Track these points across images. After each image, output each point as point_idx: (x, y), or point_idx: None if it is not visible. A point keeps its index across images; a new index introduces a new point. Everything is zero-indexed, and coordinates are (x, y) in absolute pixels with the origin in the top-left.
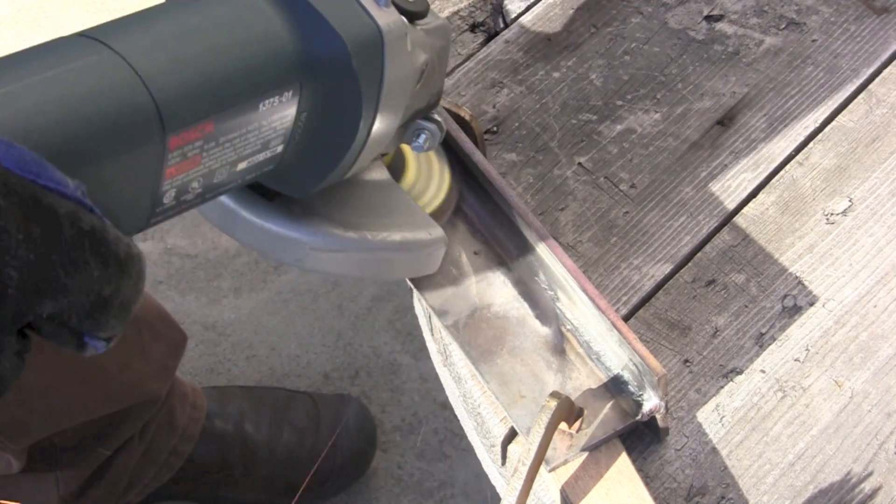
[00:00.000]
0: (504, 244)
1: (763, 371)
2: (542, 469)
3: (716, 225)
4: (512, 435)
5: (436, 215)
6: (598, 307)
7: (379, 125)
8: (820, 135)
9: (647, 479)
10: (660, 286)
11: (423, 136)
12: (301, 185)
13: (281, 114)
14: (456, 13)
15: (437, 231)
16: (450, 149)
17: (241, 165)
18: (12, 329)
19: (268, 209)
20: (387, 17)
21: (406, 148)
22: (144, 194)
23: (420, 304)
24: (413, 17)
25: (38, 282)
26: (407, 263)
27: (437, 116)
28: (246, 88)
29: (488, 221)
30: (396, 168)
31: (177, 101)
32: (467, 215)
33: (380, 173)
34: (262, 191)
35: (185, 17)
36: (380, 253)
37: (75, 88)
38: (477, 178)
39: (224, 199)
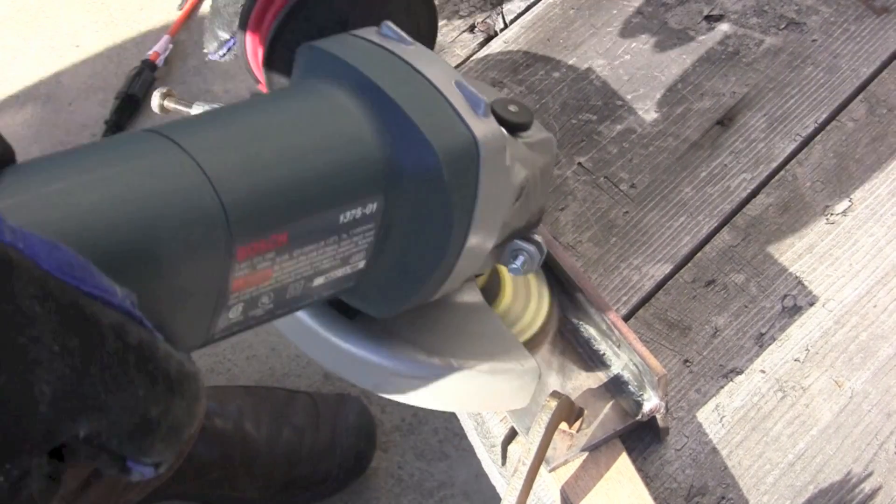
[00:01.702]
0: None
1: (763, 371)
2: (543, 469)
3: (716, 225)
4: (512, 435)
5: (532, 343)
6: (598, 307)
7: (471, 245)
8: (820, 135)
9: (648, 479)
10: (660, 286)
11: (521, 259)
12: (384, 305)
13: (363, 227)
14: (456, 13)
15: (530, 362)
16: (548, 268)
17: (318, 281)
18: (43, 450)
19: (347, 328)
20: (485, 128)
21: (503, 268)
22: (206, 308)
23: None
24: (515, 128)
25: (73, 399)
26: (494, 395)
27: (537, 237)
28: (325, 198)
29: None
30: (492, 289)
31: (248, 207)
32: None
33: (472, 295)
34: (342, 307)
35: (263, 115)
36: (464, 383)
37: (136, 188)
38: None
39: (301, 313)
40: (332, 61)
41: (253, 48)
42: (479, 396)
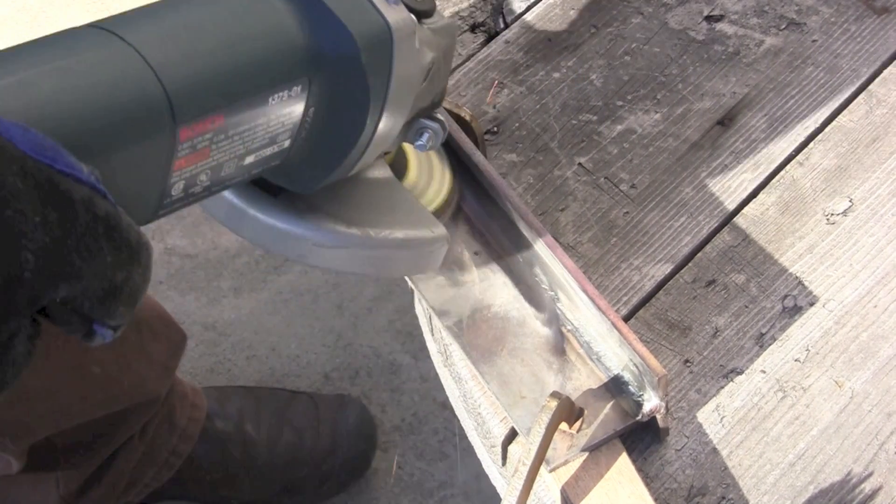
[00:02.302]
0: (504, 245)
1: (763, 371)
2: (543, 469)
3: (716, 225)
4: (512, 435)
5: (437, 214)
6: (599, 307)
7: (385, 122)
8: (820, 135)
9: (648, 480)
10: (660, 286)
11: (426, 135)
12: (306, 181)
13: (289, 108)
14: (456, 13)
15: (440, 229)
16: (450, 149)
17: (249, 159)
18: (28, 313)
19: (272, 205)
20: (396, 15)
21: (408, 147)
22: (153, 185)
23: (420, 305)
24: (421, 15)
25: (53, 266)
26: (409, 261)
27: (440, 116)
28: (256, 82)
29: (488, 222)
30: (398, 166)
31: (188, 93)
32: (468, 216)
33: (382, 171)
34: (266, 186)
35: (196, 9)
36: (382, 250)
37: (88, 78)
38: (477, 178)
39: (228, 194)
40: None
41: None
42: (395, 262)
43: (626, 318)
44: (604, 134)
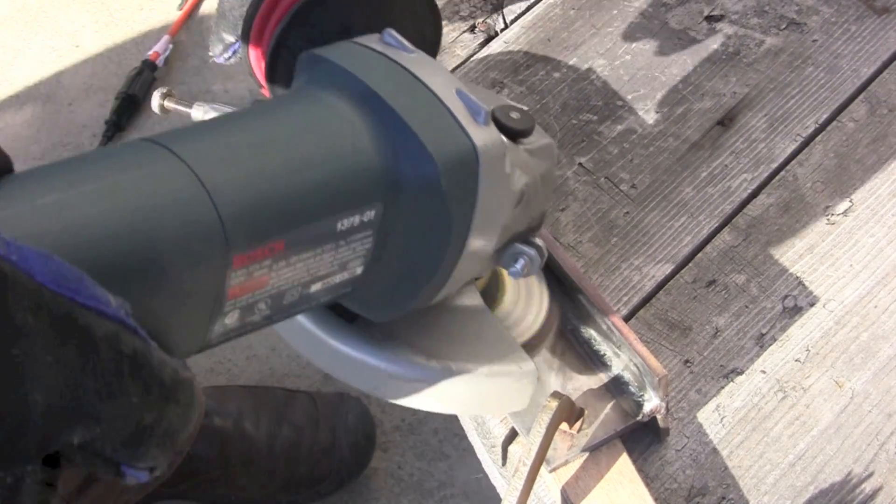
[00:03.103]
0: None
1: (764, 371)
2: (543, 469)
3: (716, 225)
4: (512, 435)
5: (531, 345)
6: (599, 307)
7: (470, 249)
8: (820, 135)
9: (648, 480)
10: (660, 286)
11: (521, 262)
12: (383, 310)
13: (361, 234)
14: (456, 13)
15: (528, 365)
16: (548, 270)
17: (315, 287)
18: (37, 458)
19: (346, 331)
20: (485, 136)
21: (503, 270)
22: (202, 315)
23: None
24: (516, 135)
25: (67, 408)
26: (492, 398)
27: (538, 241)
28: (323, 207)
29: None
30: (491, 292)
31: (245, 217)
32: None
33: (471, 298)
34: (341, 310)
35: (261, 124)
36: (463, 386)
37: (133, 199)
38: None
39: (301, 316)
40: (333, 69)
41: (256, 55)
42: (478, 399)
43: (627, 319)
44: (604, 134)
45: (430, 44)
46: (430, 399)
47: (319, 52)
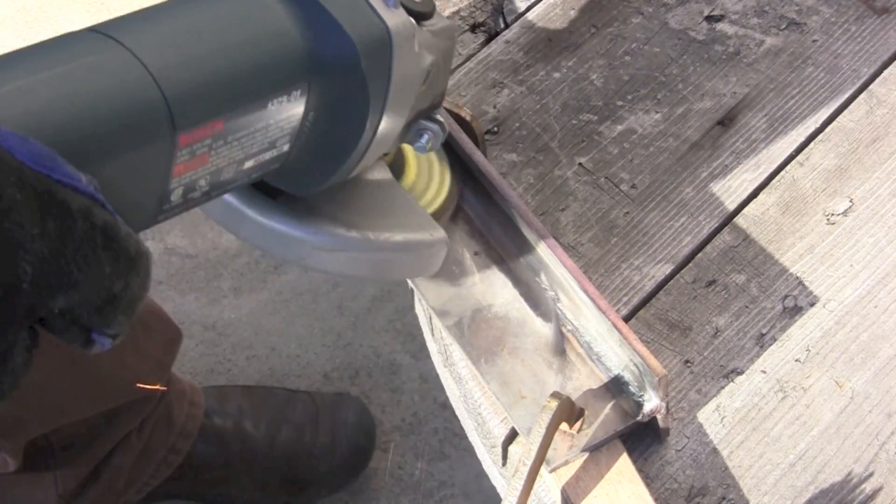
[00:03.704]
0: (505, 245)
1: (764, 371)
2: (543, 469)
3: (716, 225)
4: (513, 435)
5: (437, 215)
6: (599, 308)
7: (385, 125)
8: (820, 135)
9: (648, 480)
10: (660, 287)
11: (425, 137)
12: (305, 184)
13: (289, 113)
14: (456, 13)
15: (439, 232)
16: (450, 150)
17: (248, 164)
18: (25, 324)
19: (271, 207)
20: (395, 18)
21: (407, 148)
22: (152, 192)
23: (420, 305)
24: (420, 17)
25: (51, 276)
26: (408, 264)
27: (439, 117)
28: (256, 87)
29: (489, 222)
30: (397, 168)
31: (188, 99)
32: (468, 216)
33: (382, 173)
34: (266, 189)
35: (196, 14)
36: (381, 253)
37: (86, 85)
38: (478, 178)
39: (228, 196)
40: None
41: None
42: (394, 265)
43: (627, 319)
44: (604, 134)
45: None
46: (352, 266)
47: None
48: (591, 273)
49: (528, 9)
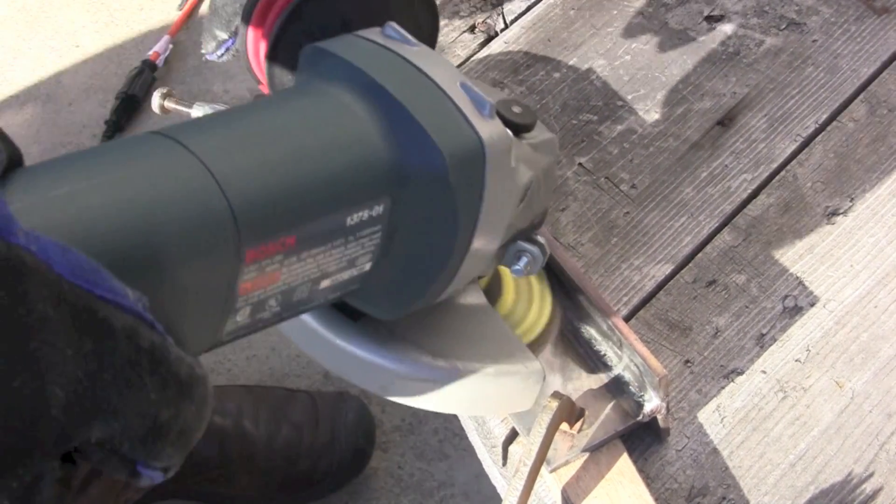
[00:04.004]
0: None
1: (764, 371)
2: (544, 469)
3: (716, 225)
4: (513, 435)
5: (535, 344)
6: (599, 308)
7: (476, 246)
8: (820, 135)
9: (648, 480)
10: (660, 287)
11: (524, 260)
12: (389, 307)
13: (370, 229)
14: (456, 13)
15: (534, 364)
16: (550, 270)
17: (325, 283)
18: (56, 454)
19: (351, 331)
20: (490, 129)
21: (504, 269)
22: (215, 310)
23: None
24: (519, 129)
25: (86, 402)
26: (499, 398)
27: (540, 239)
28: (333, 200)
29: None
30: (494, 291)
31: (256, 209)
32: None
33: (475, 297)
34: (347, 310)
35: (269, 116)
36: (469, 385)
37: (144, 190)
38: None
39: (305, 315)
40: (336, 63)
41: (254, 46)
42: (484, 399)
43: (627, 319)
44: (604, 134)
45: (428, 36)
46: (437, 399)
47: (323, 45)
48: (592, 273)
49: (528, 9)
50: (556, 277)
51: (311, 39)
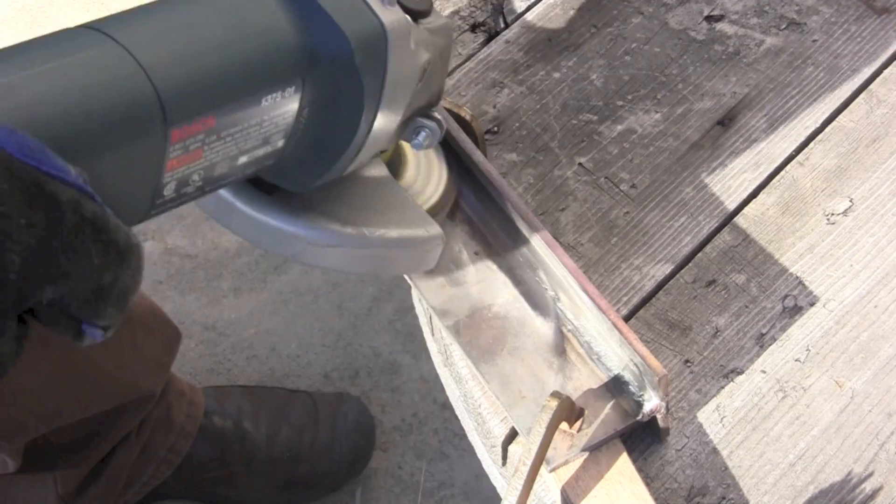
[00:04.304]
0: (505, 244)
1: (764, 371)
2: (543, 469)
3: (716, 225)
4: (512, 435)
5: (433, 212)
6: (599, 307)
7: (380, 122)
8: (820, 135)
9: (648, 480)
10: (660, 286)
11: (422, 134)
12: (300, 180)
13: (283, 109)
14: (456, 13)
15: (435, 228)
16: (449, 148)
17: (242, 159)
18: (13, 314)
19: (266, 203)
20: (391, 15)
21: (405, 145)
22: (145, 186)
23: (420, 305)
24: (417, 15)
25: (39, 267)
26: (404, 260)
27: (437, 114)
28: (249, 83)
29: (488, 221)
30: (395, 165)
31: (180, 93)
32: (467, 216)
33: (379, 170)
34: (261, 185)
35: (190, 10)
36: (377, 249)
37: (78, 79)
38: (477, 178)
39: (223, 192)
40: None
41: None
42: (390, 261)
43: (627, 318)
44: (604, 134)
45: None
46: (348, 262)
47: None
48: (591, 273)
49: (528, 9)
50: (452, 151)
51: None
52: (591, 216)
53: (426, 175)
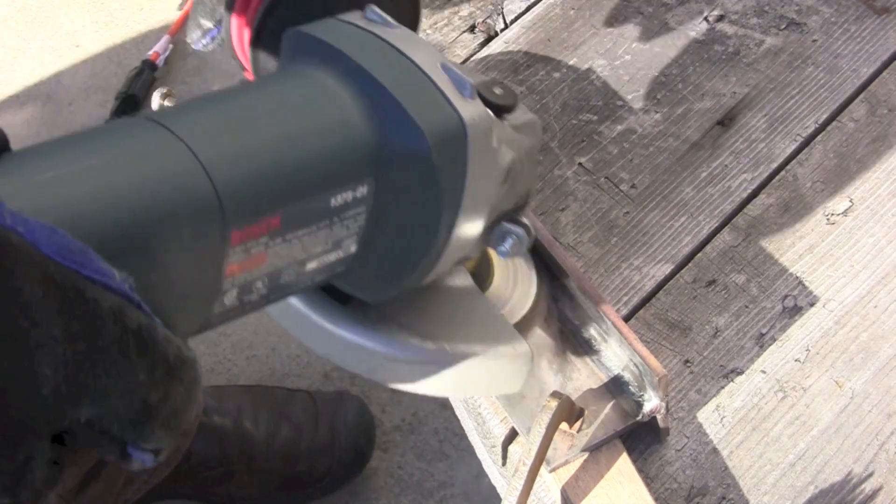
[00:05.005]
0: None
1: (764, 371)
2: (543, 469)
3: (716, 225)
4: (512, 435)
5: (522, 326)
6: (599, 307)
7: (461, 227)
8: (820, 135)
9: (648, 480)
10: (660, 286)
11: (509, 241)
12: (376, 290)
13: (353, 210)
14: (456, 13)
15: (522, 346)
16: (536, 252)
17: (311, 265)
18: (46, 434)
19: (339, 314)
20: (472, 110)
21: (491, 252)
22: (201, 293)
23: None
24: (500, 110)
25: (75, 383)
26: (487, 379)
27: (524, 220)
28: (316, 181)
29: None
30: (482, 274)
31: (241, 192)
32: None
33: (462, 279)
34: (335, 293)
35: (253, 101)
36: (458, 367)
37: (130, 174)
38: None
39: (294, 300)
40: (319, 46)
41: (238, 33)
42: (473, 381)
43: (627, 318)
44: (604, 134)
45: (410, 20)
46: (426, 381)
47: (305, 29)
48: (591, 273)
49: (528, 8)
50: (542, 260)
51: (294, 25)
52: (591, 216)
53: (514, 283)
